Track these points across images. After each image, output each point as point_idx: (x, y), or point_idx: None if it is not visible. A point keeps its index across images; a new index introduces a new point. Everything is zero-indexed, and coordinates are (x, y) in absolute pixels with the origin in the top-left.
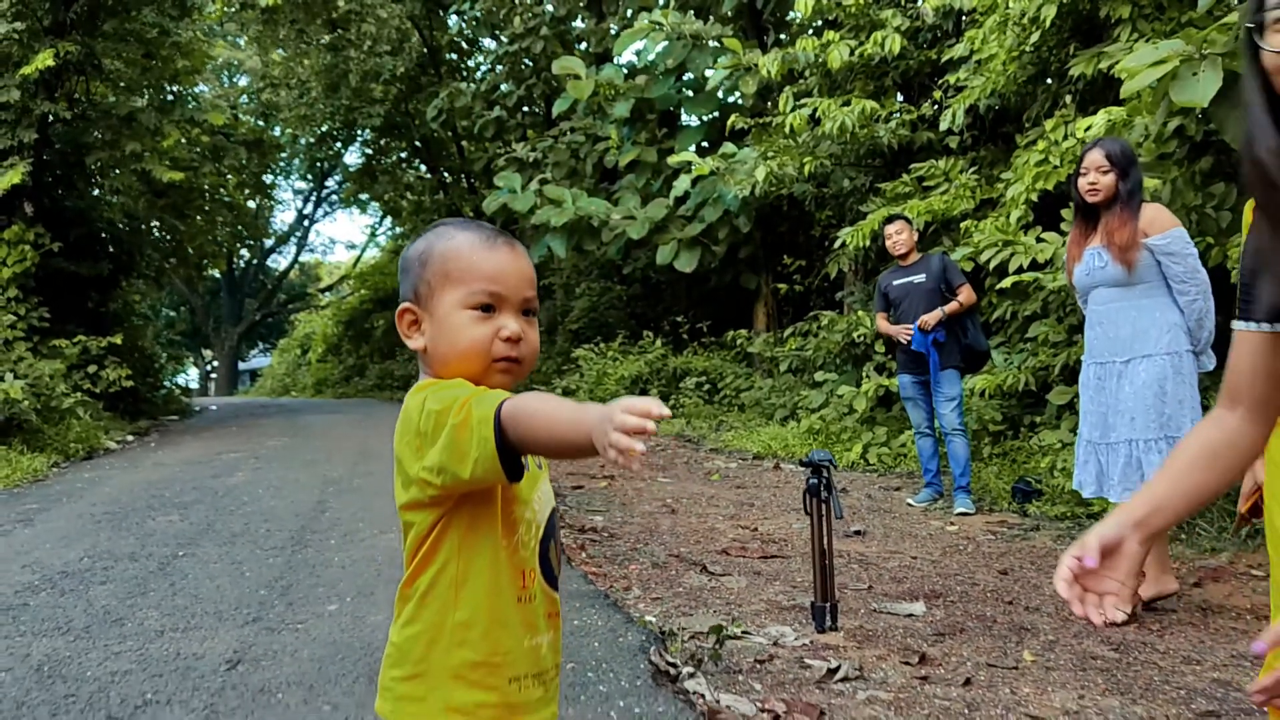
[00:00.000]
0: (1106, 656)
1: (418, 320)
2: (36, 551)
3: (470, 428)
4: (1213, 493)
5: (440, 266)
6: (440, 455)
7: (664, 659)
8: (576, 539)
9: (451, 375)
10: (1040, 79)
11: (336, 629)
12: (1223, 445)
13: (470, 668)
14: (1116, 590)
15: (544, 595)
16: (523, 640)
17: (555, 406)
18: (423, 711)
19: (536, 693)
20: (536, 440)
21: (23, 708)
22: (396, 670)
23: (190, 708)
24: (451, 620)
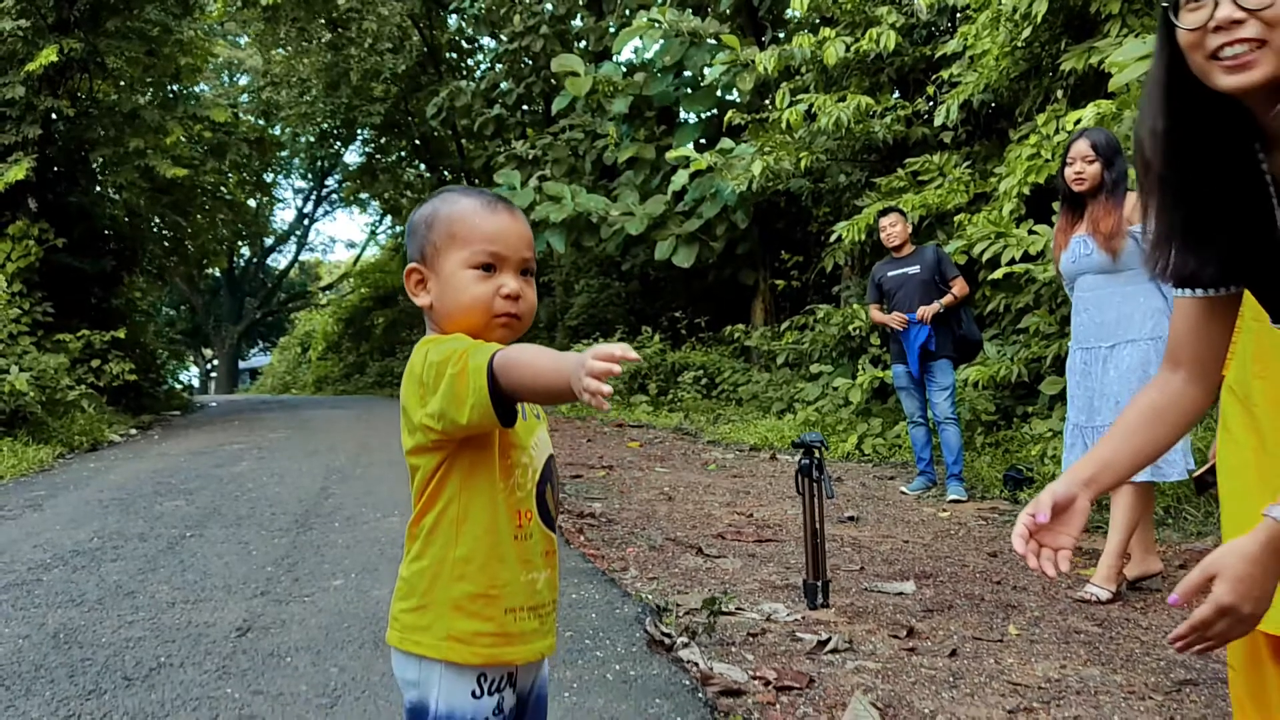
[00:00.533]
0: (1090, 631)
1: (424, 279)
2: (47, 533)
3: (467, 376)
4: (1157, 449)
5: (445, 229)
6: (440, 402)
7: (659, 629)
8: (575, 524)
9: (455, 330)
10: (1032, 74)
11: (342, 601)
12: (1165, 405)
13: (469, 599)
14: (1069, 545)
15: (541, 534)
16: (519, 575)
17: (540, 356)
18: (426, 639)
19: (532, 624)
20: (524, 387)
21: (41, 670)
22: (404, 602)
23: (203, 669)
24: (452, 555)
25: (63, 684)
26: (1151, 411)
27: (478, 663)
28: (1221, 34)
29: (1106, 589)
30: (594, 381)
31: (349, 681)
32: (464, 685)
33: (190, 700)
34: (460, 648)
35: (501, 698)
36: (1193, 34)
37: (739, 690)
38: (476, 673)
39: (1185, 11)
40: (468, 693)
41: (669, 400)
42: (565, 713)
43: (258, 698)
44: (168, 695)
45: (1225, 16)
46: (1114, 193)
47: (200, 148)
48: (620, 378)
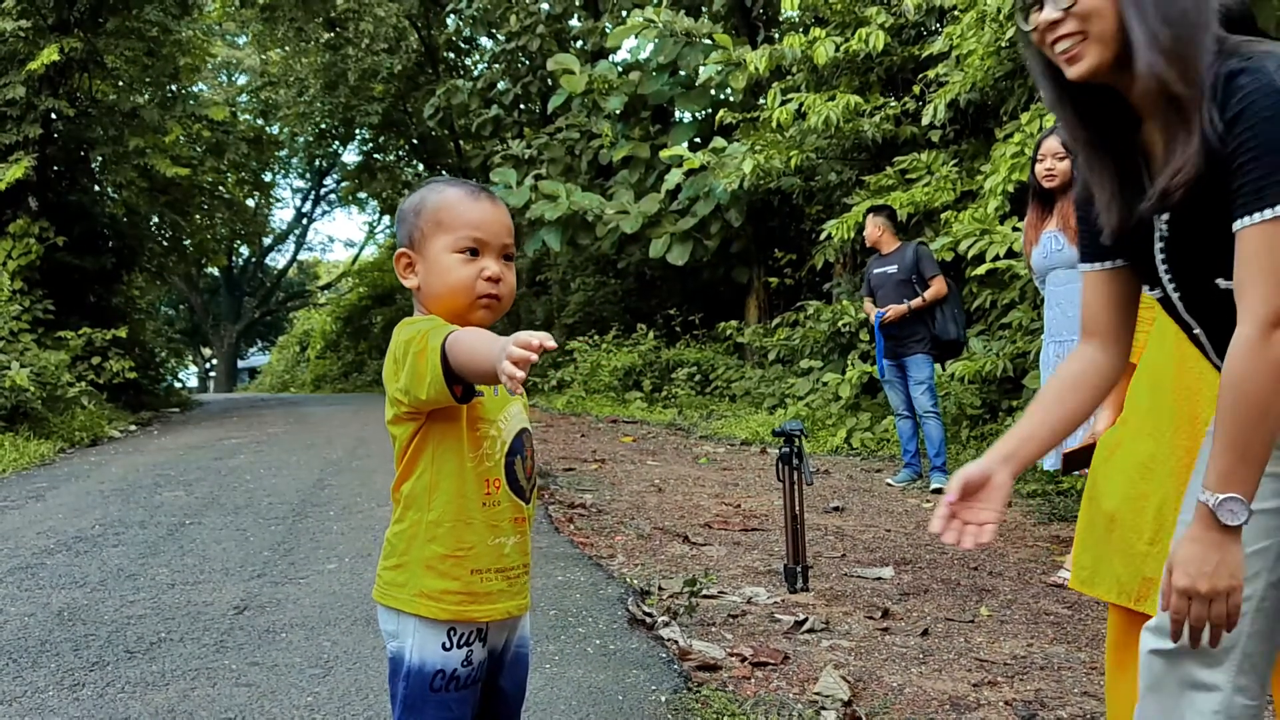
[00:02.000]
0: (1059, 613)
1: (412, 263)
2: (50, 521)
3: (425, 355)
4: (1076, 419)
5: (432, 215)
6: (406, 378)
7: (640, 609)
8: (566, 513)
9: (441, 310)
10: (1017, 74)
11: (336, 583)
12: (1081, 374)
13: (439, 559)
14: (992, 519)
15: (510, 502)
16: (486, 538)
17: (480, 340)
18: (402, 595)
19: (499, 585)
20: (466, 367)
21: (46, 645)
22: (386, 561)
23: (202, 644)
24: (426, 519)
25: (67, 657)
26: (1070, 380)
27: (446, 618)
28: (1050, 32)
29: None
30: (510, 366)
31: (341, 654)
32: (435, 639)
33: (189, 671)
34: (430, 604)
35: (470, 651)
36: (1036, 35)
37: (715, 665)
38: (446, 627)
39: (1033, 13)
40: (438, 645)
41: (663, 397)
42: (546, 682)
43: (254, 668)
44: (168, 666)
45: (1046, 19)
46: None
47: (199, 147)
48: (616, 374)
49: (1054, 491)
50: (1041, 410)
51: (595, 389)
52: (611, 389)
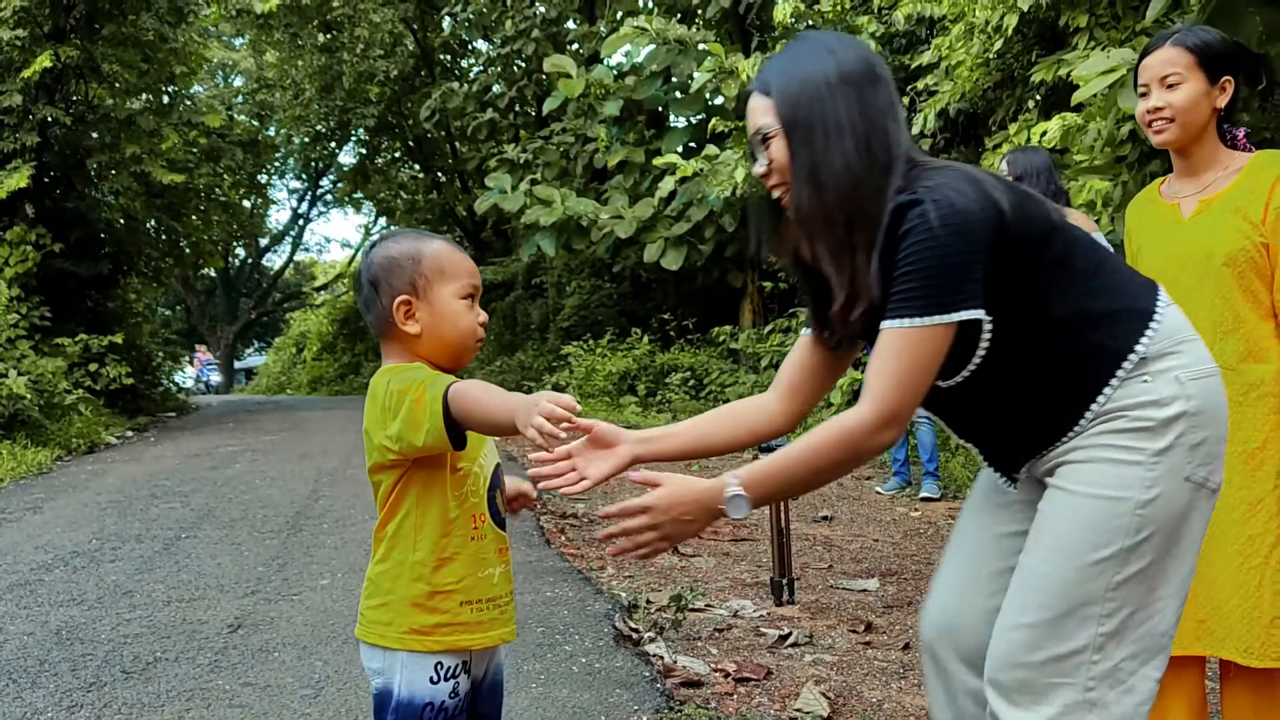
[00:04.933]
0: None
1: (413, 311)
2: (47, 535)
3: (424, 405)
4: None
5: (434, 263)
6: (399, 426)
7: (627, 625)
8: (557, 524)
9: (441, 355)
10: (1006, 85)
11: (329, 599)
12: (749, 410)
13: (427, 596)
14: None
15: (494, 534)
16: (475, 571)
17: (489, 394)
18: (389, 633)
19: (491, 614)
20: (472, 418)
21: (45, 664)
22: (370, 601)
23: (196, 663)
24: (411, 559)
25: (65, 677)
26: (738, 410)
27: (438, 650)
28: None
29: None
30: (545, 423)
31: (332, 674)
32: (423, 673)
33: (184, 692)
34: (422, 639)
35: (457, 683)
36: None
37: (699, 681)
38: (434, 661)
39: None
40: (426, 679)
41: (657, 401)
42: (531, 702)
43: (247, 689)
44: (163, 687)
45: (757, 171)
46: None
47: (194, 152)
48: (611, 378)
49: None
50: (699, 423)
51: (590, 393)
52: (606, 393)
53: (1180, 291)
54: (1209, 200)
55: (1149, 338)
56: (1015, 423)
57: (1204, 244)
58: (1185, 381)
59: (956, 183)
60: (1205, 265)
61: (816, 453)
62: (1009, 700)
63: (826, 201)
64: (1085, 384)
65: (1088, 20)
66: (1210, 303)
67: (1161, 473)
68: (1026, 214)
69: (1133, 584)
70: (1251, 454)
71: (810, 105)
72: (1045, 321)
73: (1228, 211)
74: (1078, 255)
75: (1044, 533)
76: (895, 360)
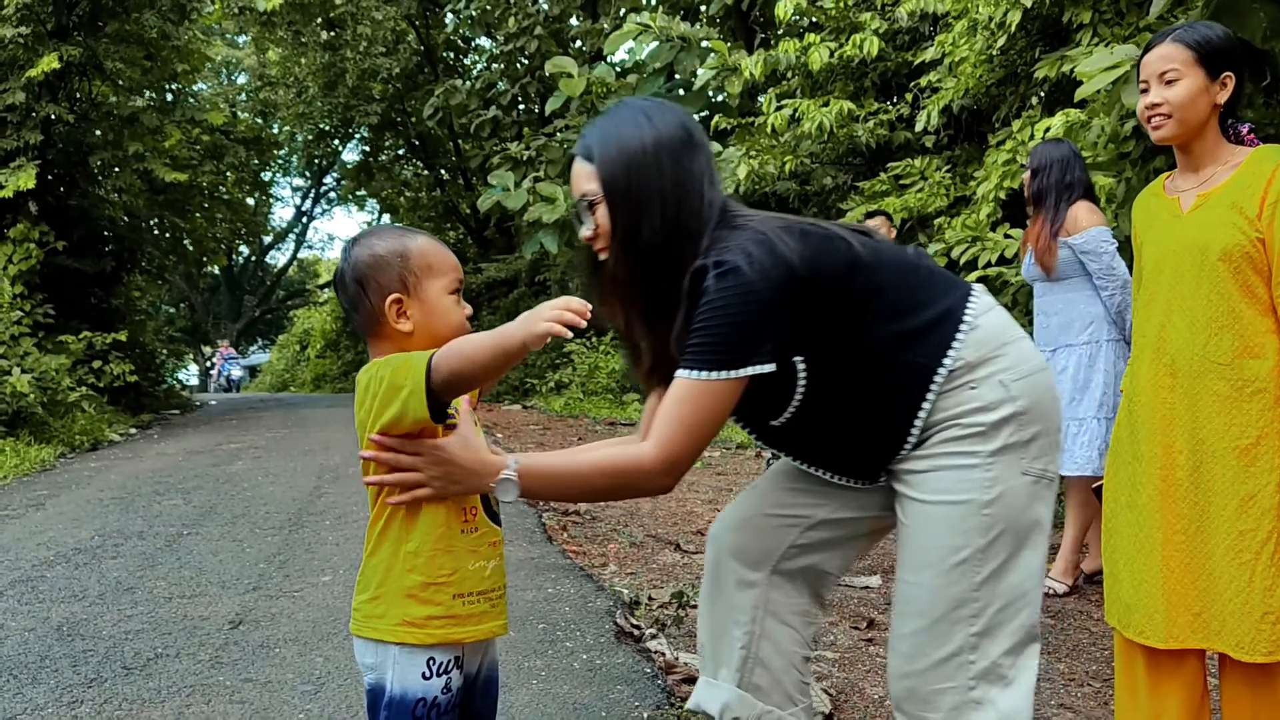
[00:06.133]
0: (1044, 623)
1: (404, 308)
2: (50, 531)
3: (405, 369)
4: None
5: (421, 259)
6: (378, 403)
7: (629, 621)
8: (560, 520)
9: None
10: (1009, 81)
11: (330, 596)
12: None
13: (420, 588)
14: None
15: (487, 528)
16: (467, 564)
17: (471, 339)
18: (382, 625)
19: (483, 607)
20: (462, 372)
21: (46, 660)
22: (363, 594)
23: (197, 659)
24: (404, 550)
25: (66, 673)
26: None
27: (431, 643)
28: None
29: (1063, 582)
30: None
31: (333, 670)
32: (415, 668)
33: (185, 688)
34: (414, 631)
35: (449, 678)
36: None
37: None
38: (426, 656)
39: (587, 216)
40: (419, 674)
41: None
42: (532, 699)
43: (248, 684)
44: (164, 683)
45: (583, 235)
46: (1040, 206)
47: (198, 149)
48: (614, 375)
49: None
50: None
51: (593, 390)
52: (610, 391)
53: (1180, 286)
54: (1206, 195)
55: (957, 348)
56: (850, 447)
57: (1200, 238)
58: (1009, 384)
59: (748, 245)
60: (1201, 260)
61: (594, 473)
62: (901, 712)
63: (633, 270)
64: (906, 402)
65: (1091, 16)
66: (1206, 298)
67: (999, 472)
68: (819, 261)
69: (993, 581)
70: (1245, 450)
71: (627, 174)
72: (860, 351)
73: (1224, 206)
74: (885, 281)
75: (907, 546)
76: (681, 407)
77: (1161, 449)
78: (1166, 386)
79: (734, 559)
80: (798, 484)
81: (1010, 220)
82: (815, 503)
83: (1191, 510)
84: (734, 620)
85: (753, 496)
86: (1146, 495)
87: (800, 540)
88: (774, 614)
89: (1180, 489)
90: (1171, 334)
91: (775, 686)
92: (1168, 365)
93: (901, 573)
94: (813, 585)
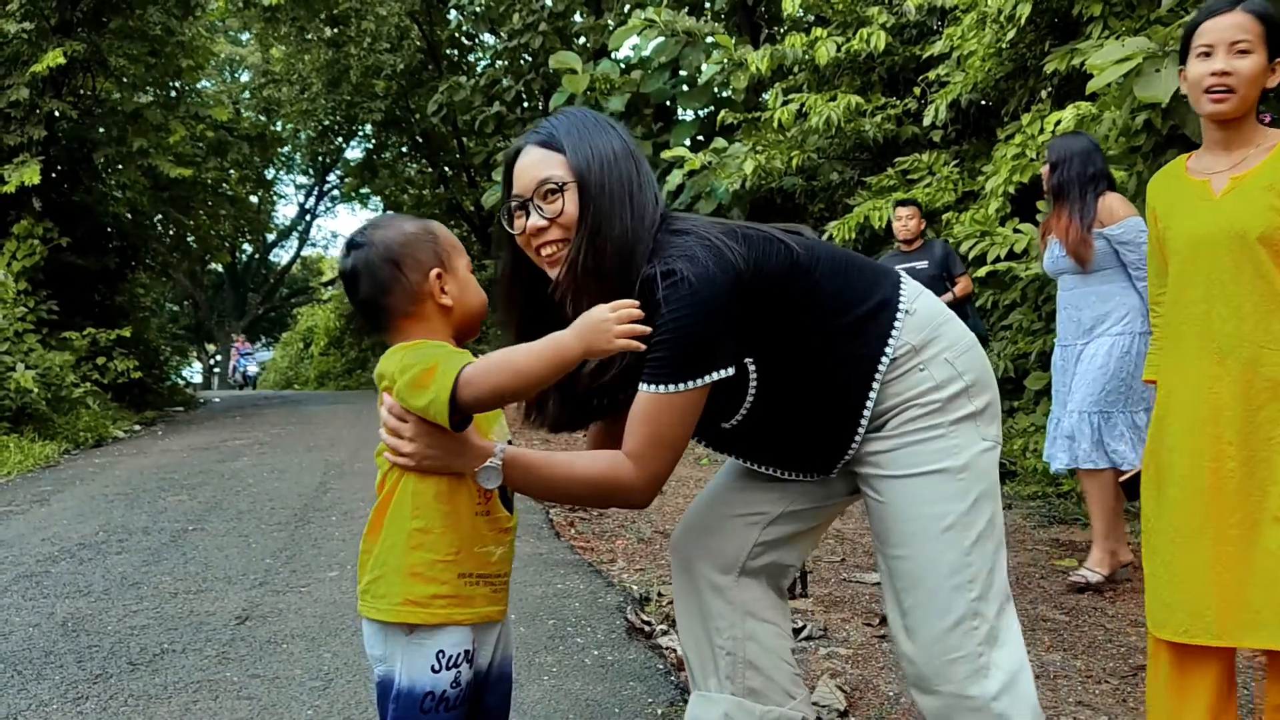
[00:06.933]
0: (1057, 619)
1: (443, 282)
2: (54, 527)
3: (435, 374)
4: None
5: (447, 240)
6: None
7: (639, 617)
8: (566, 516)
9: (471, 324)
10: (1018, 75)
11: (337, 591)
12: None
13: (426, 565)
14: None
15: (501, 512)
16: (474, 545)
17: (510, 355)
18: (384, 605)
19: (483, 590)
20: (516, 376)
21: (50, 656)
22: (368, 575)
23: (204, 655)
24: (409, 528)
25: (71, 669)
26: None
27: (434, 623)
28: (537, 237)
29: (1098, 572)
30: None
31: (341, 666)
32: (424, 661)
33: (192, 683)
34: (418, 610)
35: (458, 672)
36: (522, 238)
37: None
38: (435, 649)
39: (515, 219)
40: (427, 667)
41: None
42: (544, 695)
43: (255, 680)
44: (170, 679)
45: (533, 224)
46: (1064, 199)
47: (201, 146)
48: None
49: (1054, 494)
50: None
51: None
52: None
53: (1217, 272)
54: (1240, 178)
55: (895, 334)
56: (801, 442)
57: (1237, 222)
58: (954, 360)
59: (695, 251)
60: (1240, 244)
61: (576, 481)
62: (918, 689)
63: (603, 262)
64: (852, 393)
65: (1102, 9)
66: (1250, 283)
67: (962, 440)
68: (763, 264)
69: (981, 545)
70: None
71: (603, 168)
72: (804, 348)
73: (1260, 189)
74: (822, 278)
75: (887, 522)
76: (651, 423)
77: (1209, 441)
78: (1212, 375)
79: (705, 565)
80: (750, 482)
81: (1019, 215)
82: (771, 498)
83: (1246, 503)
84: (714, 628)
85: (708, 502)
86: (1192, 489)
87: (762, 538)
88: (752, 614)
89: (1232, 480)
90: (1216, 321)
91: (770, 685)
92: (1215, 353)
93: (887, 550)
94: (775, 580)
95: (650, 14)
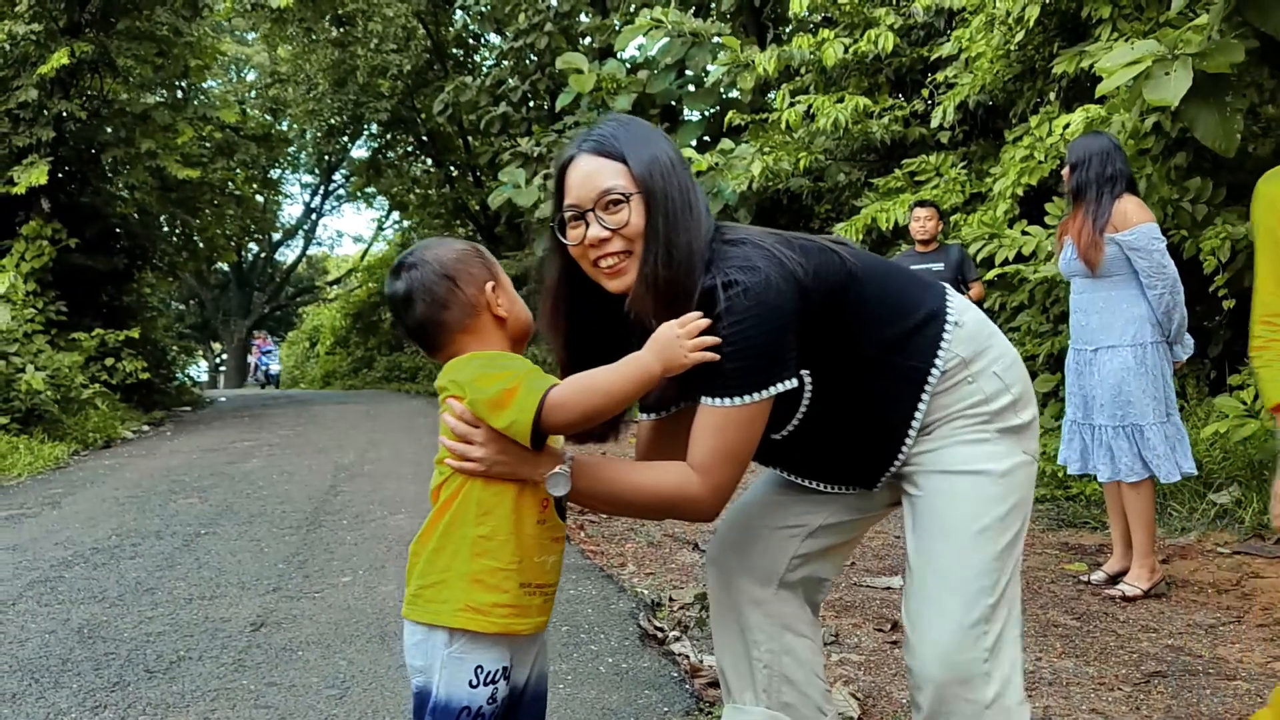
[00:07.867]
0: (1068, 625)
1: (499, 295)
2: (66, 531)
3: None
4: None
5: (490, 257)
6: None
7: (652, 624)
8: (576, 520)
9: (523, 336)
10: (1026, 76)
11: (351, 597)
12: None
13: (490, 573)
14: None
15: (555, 522)
16: (534, 555)
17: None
18: (444, 610)
19: (538, 601)
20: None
21: (67, 663)
22: (425, 578)
23: (220, 662)
24: (473, 534)
25: (89, 676)
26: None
27: (493, 631)
28: (597, 249)
29: (1138, 586)
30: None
31: (357, 673)
32: (462, 675)
33: (209, 691)
34: (478, 617)
35: (495, 689)
36: (578, 249)
37: None
38: (474, 664)
39: (570, 230)
40: (465, 682)
41: None
42: (559, 704)
43: (271, 689)
44: (187, 687)
45: (595, 235)
46: (1081, 199)
47: (208, 146)
48: None
49: (1063, 496)
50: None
51: None
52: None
53: None
54: None
55: (946, 346)
56: (848, 454)
57: None
58: (1002, 374)
59: (756, 261)
60: None
61: (643, 494)
62: (920, 685)
63: (674, 273)
64: (902, 404)
65: (1111, 11)
66: None
67: (1006, 448)
68: (821, 274)
69: (1007, 553)
70: None
71: (664, 178)
72: (856, 359)
73: None
74: (871, 290)
75: (923, 515)
76: (720, 437)
77: None
78: None
79: (745, 578)
80: (789, 494)
81: (1028, 217)
82: (811, 510)
83: None
84: (752, 640)
85: (746, 514)
86: None
87: (801, 550)
88: (789, 628)
89: None
90: None
91: (804, 700)
92: None
93: (917, 542)
94: (811, 595)
95: (656, 14)
